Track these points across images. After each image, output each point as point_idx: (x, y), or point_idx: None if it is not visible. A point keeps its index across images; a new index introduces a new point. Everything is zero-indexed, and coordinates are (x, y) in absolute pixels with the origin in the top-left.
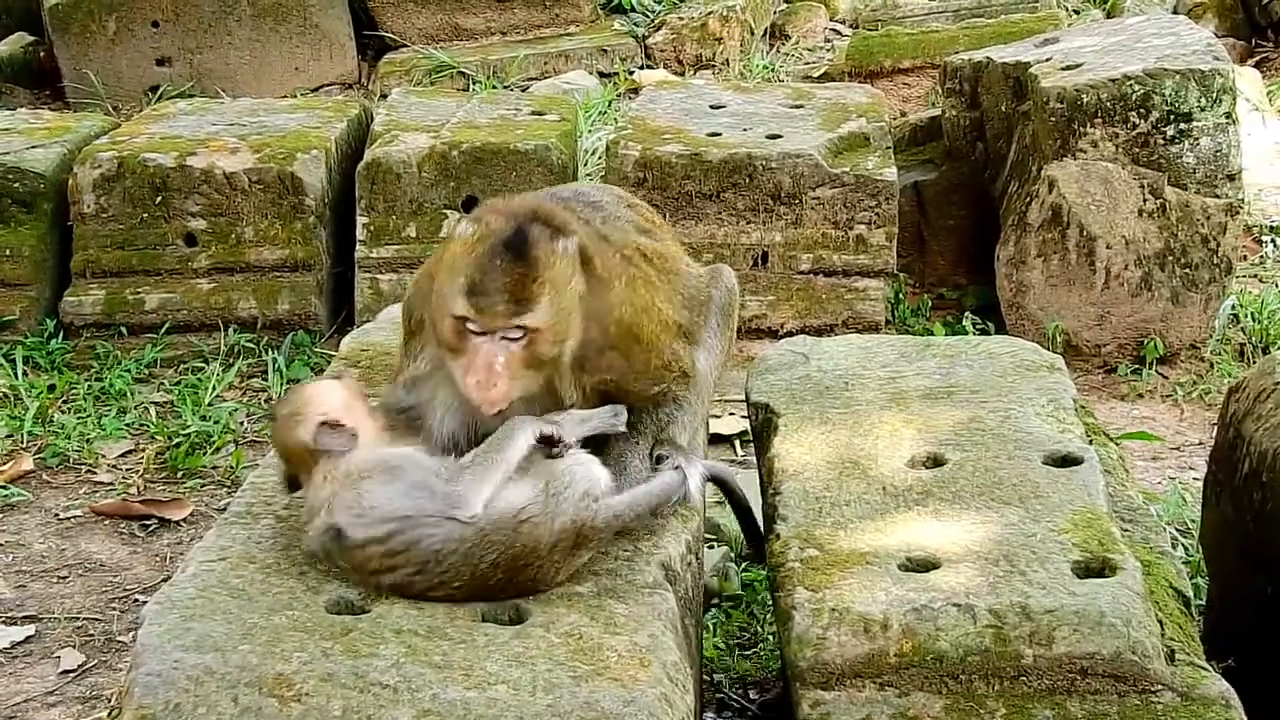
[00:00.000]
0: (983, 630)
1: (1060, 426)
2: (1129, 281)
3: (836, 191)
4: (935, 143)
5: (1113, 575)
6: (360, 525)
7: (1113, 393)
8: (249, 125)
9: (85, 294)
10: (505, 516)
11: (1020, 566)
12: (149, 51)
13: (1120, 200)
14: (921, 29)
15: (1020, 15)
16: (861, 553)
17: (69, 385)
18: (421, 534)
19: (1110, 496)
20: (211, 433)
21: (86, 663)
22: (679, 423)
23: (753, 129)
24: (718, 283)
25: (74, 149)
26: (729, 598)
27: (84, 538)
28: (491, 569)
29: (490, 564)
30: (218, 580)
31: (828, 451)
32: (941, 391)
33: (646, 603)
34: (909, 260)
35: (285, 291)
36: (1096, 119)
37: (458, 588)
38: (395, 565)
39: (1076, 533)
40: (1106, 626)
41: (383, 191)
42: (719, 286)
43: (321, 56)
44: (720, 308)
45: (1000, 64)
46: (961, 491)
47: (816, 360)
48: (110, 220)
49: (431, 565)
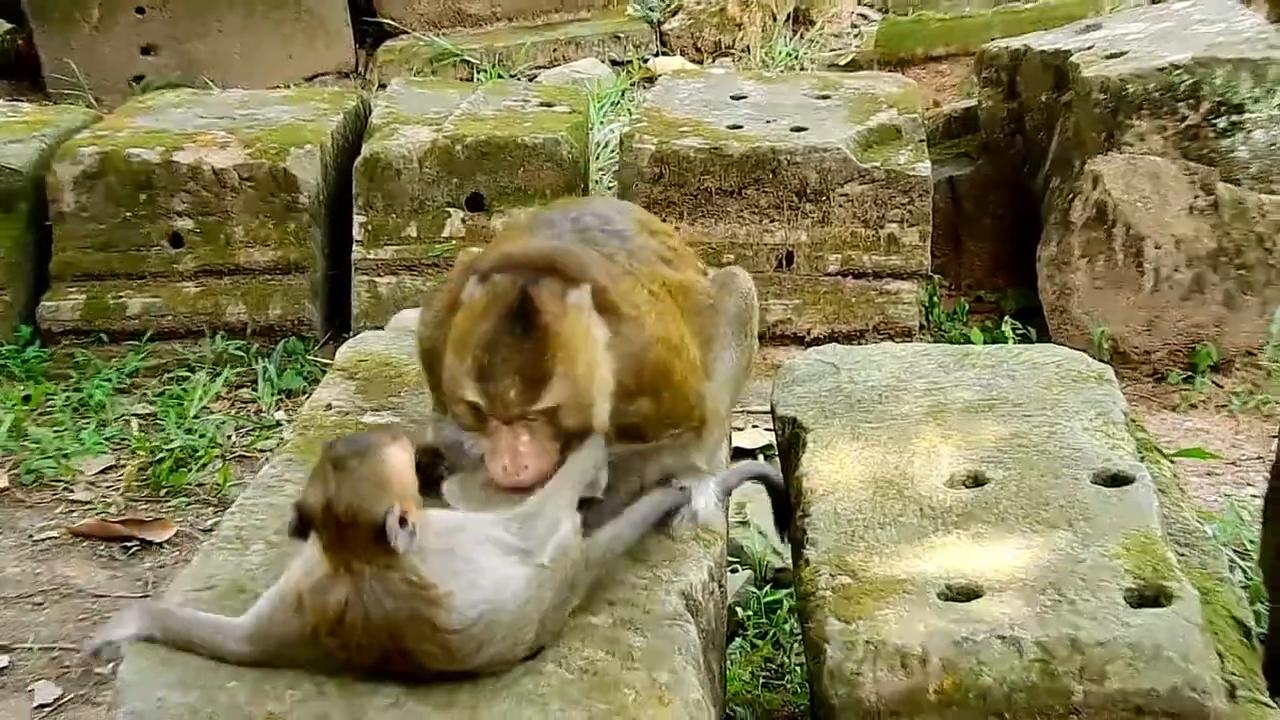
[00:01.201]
0: (1029, 664)
1: (1110, 443)
2: (1179, 284)
3: (866, 188)
4: (971, 135)
5: (1169, 604)
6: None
7: (1163, 403)
8: (239, 118)
9: (64, 298)
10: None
11: (1069, 595)
12: (133, 39)
13: (1169, 197)
14: (955, 14)
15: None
16: (898, 580)
17: (45, 396)
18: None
19: (1165, 518)
20: (197, 447)
21: (62, 696)
22: (694, 445)
23: (776, 121)
24: (731, 290)
25: (53, 144)
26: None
27: (60, 560)
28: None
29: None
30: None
31: (860, 470)
32: (982, 404)
33: (666, 635)
34: (944, 261)
35: (277, 295)
36: (1143, 110)
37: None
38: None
39: (1129, 558)
40: (1163, 661)
41: (381, 189)
42: (733, 294)
43: (316, 44)
44: (735, 318)
45: (1040, 52)
46: (1005, 513)
47: (847, 371)
48: (91, 220)
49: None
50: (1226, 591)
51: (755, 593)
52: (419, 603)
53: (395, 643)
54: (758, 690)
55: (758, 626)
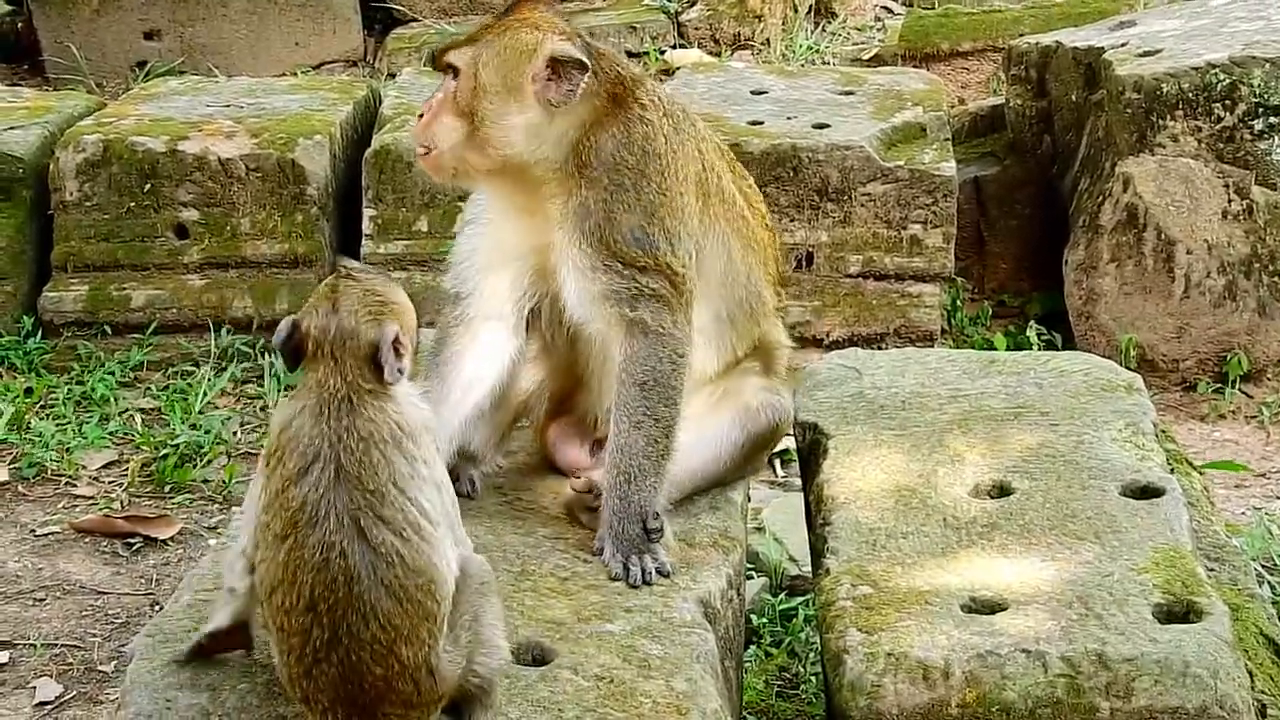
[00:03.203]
0: (1054, 680)
1: (1139, 454)
2: (1211, 290)
3: (889, 187)
4: (998, 134)
5: (1198, 620)
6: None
7: (1191, 412)
8: (246, 107)
9: (66, 289)
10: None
11: (1096, 609)
12: (136, 24)
13: (1202, 201)
14: (983, 8)
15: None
16: (920, 591)
17: (47, 389)
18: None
19: (1194, 532)
20: (202, 443)
21: (64, 694)
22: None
23: (798, 117)
24: (771, 408)
25: (56, 131)
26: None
27: (62, 556)
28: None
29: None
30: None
31: (883, 478)
32: (1008, 413)
33: (684, 643)
34: (968, 263)
35: (284, 290)
36: (1177, 111)
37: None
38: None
39: (1158, 573)
40: (1191, 678)
41: (392, 181)
42: (769, 412)
43: (324, 31)
44: (755, 437)
45: (1071, 48)
46: (1030, 524)
47: (869, 376)
48: (94, 209)
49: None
50: (1256, 608)
51: (771, 600)
52: (400, 444)
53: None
54: (772, 699)
55: (773, 634)
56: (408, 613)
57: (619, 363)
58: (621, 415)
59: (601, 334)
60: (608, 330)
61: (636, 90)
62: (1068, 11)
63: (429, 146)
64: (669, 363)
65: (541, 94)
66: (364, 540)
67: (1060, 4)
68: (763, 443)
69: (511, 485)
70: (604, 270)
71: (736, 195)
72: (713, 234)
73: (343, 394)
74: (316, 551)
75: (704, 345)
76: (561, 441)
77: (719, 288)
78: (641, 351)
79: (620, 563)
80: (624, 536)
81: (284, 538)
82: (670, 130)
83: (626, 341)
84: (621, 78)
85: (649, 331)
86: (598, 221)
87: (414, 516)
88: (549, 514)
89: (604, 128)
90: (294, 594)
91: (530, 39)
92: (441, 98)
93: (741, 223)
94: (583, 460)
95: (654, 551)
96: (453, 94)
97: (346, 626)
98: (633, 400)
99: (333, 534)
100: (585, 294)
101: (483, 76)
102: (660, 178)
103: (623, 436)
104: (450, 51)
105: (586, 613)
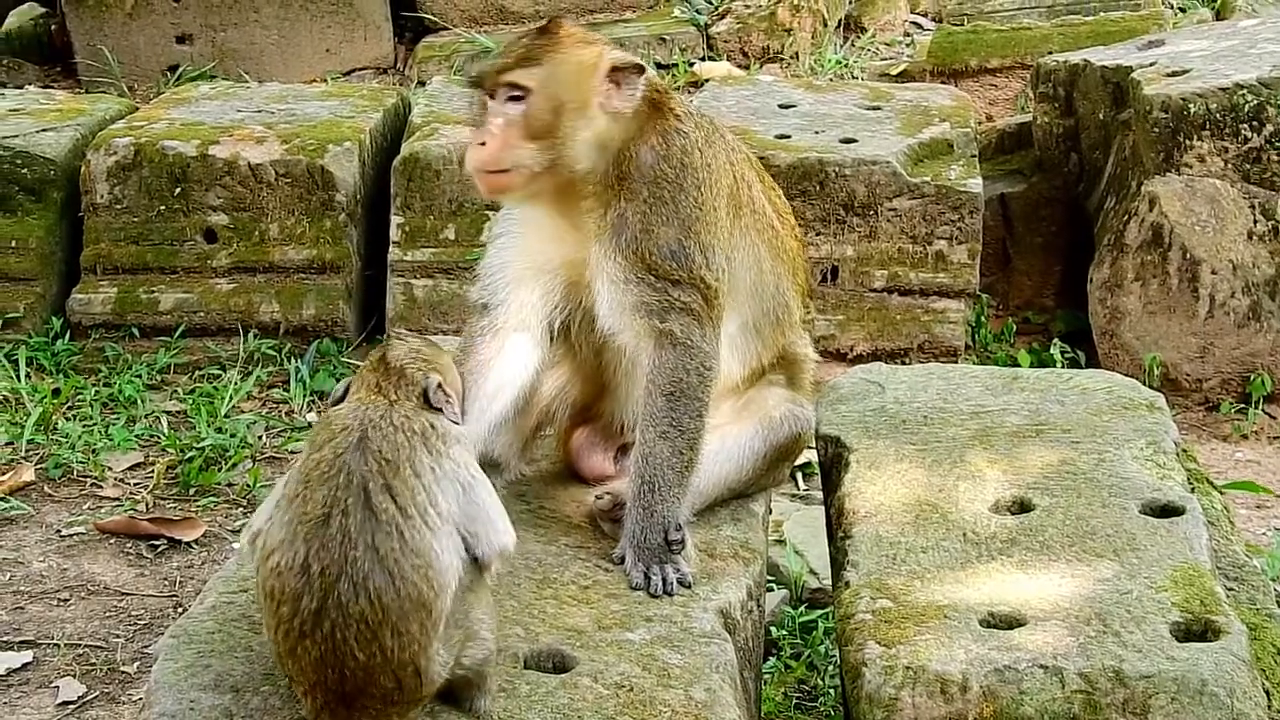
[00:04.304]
0: (1071, 696)
1: (1160, 473)
2: (1235, 311)
3: (915, 203)
4: (1024, 151)
5: (1216, 639)
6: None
7: (1214, 432)
8: (277, 113)
9: (95, 291)
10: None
11: (1114, 627)
12: (168, 28)
13: (1228, 221)
14: (1012, 25)
15: (1121, 13)
16: (939, 606)
17: (75, 390)
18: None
19: (1214, 551)
20: (227, 447)
21: (87, 694)
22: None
23: (825, 132)
24: (793, 418)
25: (88, 134)
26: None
27: (87, 557)
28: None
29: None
30: (239, 614)
31: (903, 493)
32: (1030, 430)
33: (703, 653)
34: (992, 280)
35: (311, 295)
36: (1204, 131)
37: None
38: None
39: (1176, 591)
40: (1208, 696)
41: (420, 189)
42: (791, 423)
43: (355, 38)
44: (777, 448)
45: (1099, 67)
46: (1050, 541)
47: (892, 391)
48: (124, 212)
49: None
50: (1275, 628)
51: (790, 613)
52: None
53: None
54: (790, 712)
55: (792, 647)
56: (399, 594)
57: (647, 373)
58: (648, 426)
59: (631, 344)
60: (637, 341)
61: (669, 99)
62: (1096, 30)
63: (504, 169)
64: (696, 375)
65: (606, 104)
66: (368, 505)
67: (1089, 23)
68: (785, 453)
69: (535, 493)
70: (637, 282)
71: (766, 205)
72: (744, 245)
73: (385, 406)
74: (319, 506)
75: (729, 354)
76: (585, 449)
77: (748, 298)
78: (670, 363)
79: (641, 572)
80: (646, 546)
81: (294, 497)
82: (704, 142)
83: (656, 353)
84: (654, 84)
85: (678, 344)
86: (635, 234)
87: (422, 500)
88: (571, 523)
89: (643, 138)
90: (291, 552)
91: (591, 52)
92: (506, 120)
93: (771, 233)
94: (606, 468)
95: (675, 562)
96: (523, 115)
97: (336, 596)
98: (659, 411)
99: (340, 490)
100: (617, 305)
101: (560, 95)
102: (696, 191)
103: (648, 446)
104: (514, 71)
105: (607, 621)
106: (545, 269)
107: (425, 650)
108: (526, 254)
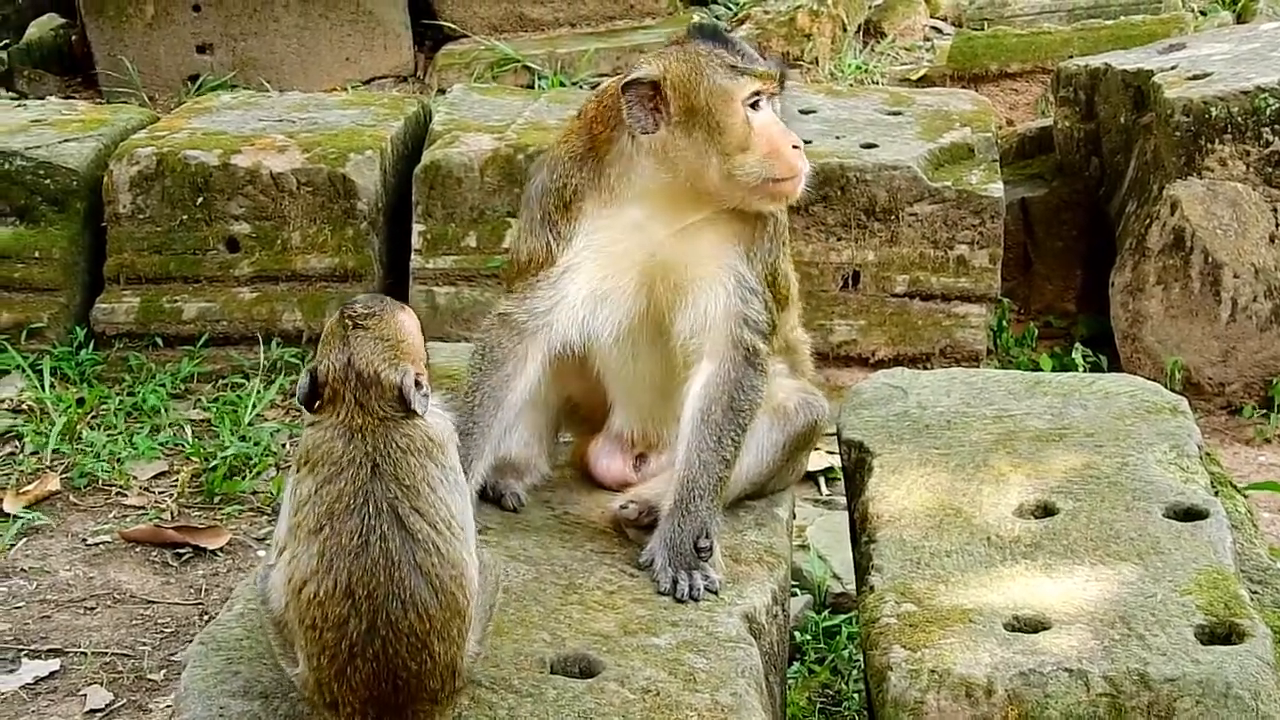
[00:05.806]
0: (1096, 699)
1: (1184, 476)
2: (1257, 314)
3: (936, 208)
4: (1045, 156)
5: (1240, 642)
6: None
7: (1236, 436)
8: (298, 122)
9: (118, 301)
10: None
11: (1138, 630)
12: (189, 37)
13: (1250, 225)
14: (1032, 29)
15: (1142, 17)
16: (964, 609)
17: (99, 399)
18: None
19: (1238, 554)
20: (251, 455)
21: (114, 702)
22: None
23: (846, 137)
24: (808, 407)
25: (110, 144)
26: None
27: (113, 566)
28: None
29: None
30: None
31: (927, 497)
32: (1053, 434)
33: (729, 658)
34: (1014, 284)
35: (333, 303)
36: (1225, 134)
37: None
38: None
39: (1200, 594)
40: (1233, 699)
41: (441, 197)
42: (806, 411)
43: (375, 46)
44: (795, 438)
45: (1120, 71)
46: (1074, 545)
47: (915, 395)
48: (147, 222)
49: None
50: None
51: (815, 617)
52: (431, 453)
53: (409, 500)
54: (815, 716)
55: (817, 651)
56: (442, 605)
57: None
58: (706, 434)
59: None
60: (712, 350)
61: None
62: (1117, 34)
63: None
64: (755, 391)
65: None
66: (402, 528)
67: (1109, 26)
68: (802, 442)
69: (559, 499)
70: (752, 293)
71: None
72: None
73: (372, 424)
74: (354, 537)
75: None
76: (605, 457)
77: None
78: (736, 375)
79: (670, 577)
80: (678, 552)
81: (317, 530)
82: None
83: (729, 364)
84: None
85: (750, 359)
86: (770, 246)
87: (445, 514)
88: (595, 528)
89: None
90: (329, 581)
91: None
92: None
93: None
94: (629, 475)
95: (703, 568)
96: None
97: (386, 615)
98: (718, 422)
99: (371, 519)
100: (715, 311)
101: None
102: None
103: (705, 453)
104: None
105: (633, 626)
106: (619, 277)
107: (461, 649)
108: (595, 270)
